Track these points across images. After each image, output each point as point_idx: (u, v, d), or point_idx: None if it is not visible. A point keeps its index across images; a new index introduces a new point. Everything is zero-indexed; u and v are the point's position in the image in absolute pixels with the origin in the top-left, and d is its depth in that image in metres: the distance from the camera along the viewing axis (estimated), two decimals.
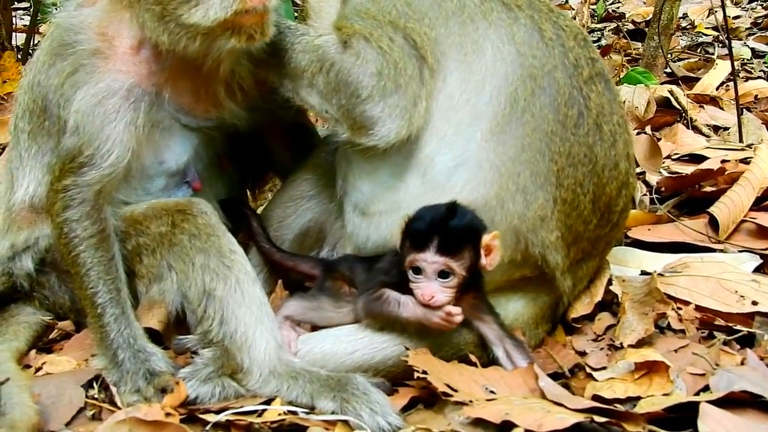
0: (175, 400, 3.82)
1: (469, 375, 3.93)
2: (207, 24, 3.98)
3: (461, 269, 3.92)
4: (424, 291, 3.92)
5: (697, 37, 11.65)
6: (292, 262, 4.70)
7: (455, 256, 3.90)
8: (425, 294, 3.91)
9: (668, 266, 4.75)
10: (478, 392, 3.80)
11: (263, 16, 4.05)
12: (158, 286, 4.25)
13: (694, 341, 4.18)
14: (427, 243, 3.91)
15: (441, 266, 3.91)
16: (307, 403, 3.88)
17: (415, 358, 3.87)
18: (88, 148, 4.13)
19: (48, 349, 4.56)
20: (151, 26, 4.14)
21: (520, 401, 3.67)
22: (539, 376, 3.82)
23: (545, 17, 4.30)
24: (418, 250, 3.94)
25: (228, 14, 3.95)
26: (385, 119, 4.12)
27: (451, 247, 3.90)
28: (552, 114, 4.12)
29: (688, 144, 6.84)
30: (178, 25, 4.06)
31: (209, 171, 4.78)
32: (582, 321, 4.45)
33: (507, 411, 3.51)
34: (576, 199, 4.15)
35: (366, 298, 4.15)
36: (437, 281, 3.93)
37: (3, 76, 9.39)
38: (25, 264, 4.51)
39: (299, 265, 4.68)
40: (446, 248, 3.90)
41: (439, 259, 3.91)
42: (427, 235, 3.92)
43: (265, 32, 4.09)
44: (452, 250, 3.90)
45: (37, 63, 4.52)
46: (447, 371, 3.91)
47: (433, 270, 3.93)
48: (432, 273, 3.93)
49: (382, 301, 4.06)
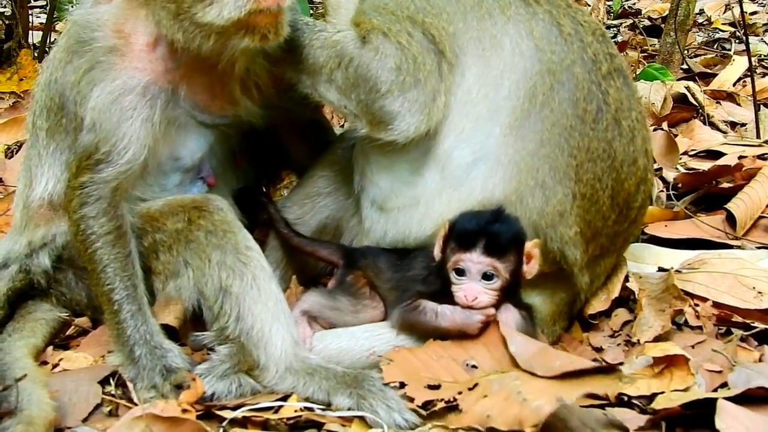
0: (191, 397, 3.82)
1: (448, 354, 3.92)
2: (221, 23, 3.98)
3: (506, 272, 3.92)
4: (467, 292, 3.92)
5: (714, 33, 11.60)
6: (311, 247, 4.70)
7: (501, 258, 3.91)
8: (468, 295, 3.91)
9: (685, 263, 4.73)
10: (460, 374, 3.81)
11: (277, 16, 4.04)
12: (174, 282, 4.25)
13: (711, 338, 4.17)
14: (474, 243, 3.92)
15: (486, 267, 3.91)
16: (323, 399, 3.88)
17: (389, 370, 3.87)
18: (104, 145, 4.14)
19: (65, 346, 4.56)
20: (167, 24, 4.15)
21: (498, 382, 3.66)
22: (508, 339, 3.83)
23: (563, 12, 4.30)
24: (463, 250, 3.94)
25: (242, 14, 3.95)
26: (405, 114, 4.12)
27: (498, 249, 3.90)
28: (571, 109, 4.11)
29: (705, 140, 6.81)
30: (193, 23, 4.06)
31: (224, 167, 4.78)
32: (599, 317, 4.44)
33: (488, 412, 3.51)
34: (595, 195, 4.14)
35: (402, 310, 4.13)
36: (480, 283, 3.93)
37: (20, 74, 9.42)
38: (42, 261, 4.52)
39: (318, 250, 4.68)
40: (493, 249, 3.90)
41: (485, 259, 3.91)
42: (475, 236, 3.93)
43: (279, 32, 4.09)
44: (499, 252, 3.90)
45: (53, 60, 4.53)
46: (424, 362, 3.90)
47: (477, 270, 3.92)
48: (476, 274, 3.93)
49: (418, 312, 4.05)
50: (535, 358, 3.73)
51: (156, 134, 4.23)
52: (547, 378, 3.62)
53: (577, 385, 3.54)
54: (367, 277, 4.41)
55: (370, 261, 4.43)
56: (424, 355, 3.94)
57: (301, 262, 4.84)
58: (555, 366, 3.63)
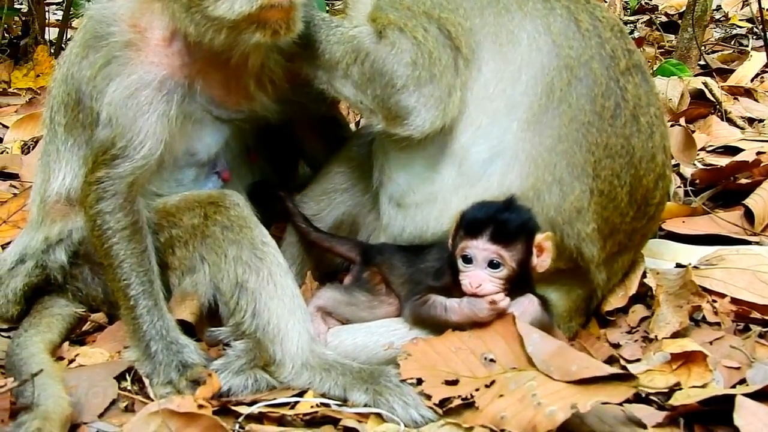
0: (207, 392, 3.82)
1: (466, 346, 3.89)
2: (232, 17, 3.99)
3: (512, 261, 3.90)
4: (472, 279, 3.91)
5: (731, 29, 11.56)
6: (329, 242, 4.69)
7: (507, 246, 3.89)
8: (473, 281, 3.90)
9: (703, 259, 4.71)
10: (478, 368, 3.79)
11: (289, 12, 4.04)
12: (191, 278, 4.26)
13: (729, 334, 4.15)
14: (480, 230, 3.91)
15: (492, 254, 3.90)
16: (339, 395, 3.88)
17: (406, 365, 3.86)
18: (120, 140, 4.14)
19: (81, 341, 4.56)
20: (179, 17, 4.16)
21: (515, 382, 3.64)
22: (525, 339, 3.80)
23: (581, 8, 4.29)
24: (470, 237, 3.93)
25: (253, 8, 3.95)
26: (420, 109, 4.11)
27: (503, 236, 3.89)
28: (589, 105, 4.10)
29: (722, 136, 6.80)
30: (204, 17, 4.07)
31: (239, 162, 4.79)
32: (616, 314, 4.43)
33: (503, 413, 3.50)
34: (613, 191, 4.13)
35: (413, 304, 4.14)
36: (486, 270, 3.92)
37: (36, 70, 9.44)
38: (58, 256, 4.52)
39: (335, 246, 4.68)
40: (499, 236, 3.89)
41: (490, 246, 3.90)
42: (482, 223, 3.92)
43: (290, 28, 4.09)
44: (505, 239, 3.89)
45: (70, 55, 4.54)
46: (444, 354, 3.88)
47: (483, 257, 3.91)
48: (482, 261, 3.92)
49: (428, 306, 4.05)
50: (552, 360, 3.70)
51: (172, 129, 4.23)
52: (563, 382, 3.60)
53: (594, 390, 3.50)
54: (383, 273, 4.40)
55: (386, 257, 4.42)
56: (443, 346, 3.92)
57: (317, 257, 4.83)
58: (572, 370, 3.60)
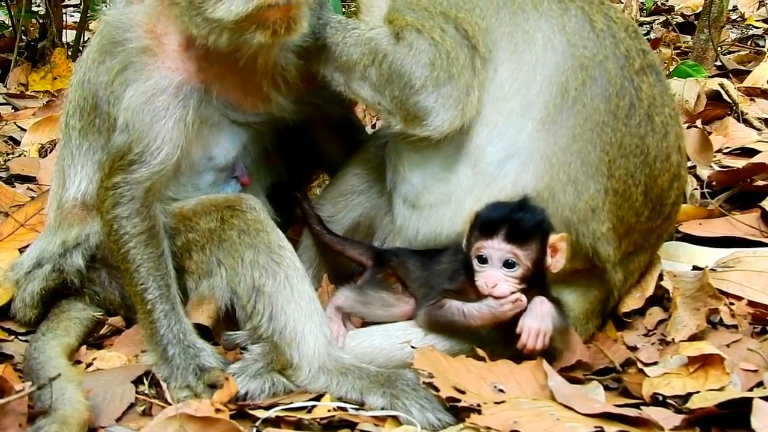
0: (225, 396, 3.83)
1: (478, 372, 3.89)
2: (231, 18, 3.99)
3: (527, 260, 3.91)
4: (487, 279, 3.92)
5: (748, 30, 11.52)
6: (341, 246, 4.70)
7: (522, 245, 3.90)
8: (489, 281, 3.91)
9: (720, 261, 4.69)
10: (487, 392, 3.77)
11: (288, 11, 4.01)
12: (207, 282, 4.26)
13: (746, 336, 4.14)
14: (495, 230, 3.92)
15: (507, 254, 3.91)
16: (356, 399, 3.89)
17: (420, 359, 3.85)
18: (137, 146, 4.16)
19: (98, 345, 4.59)
20: (183, 20, 4.18)
21: (529, 404, 3.62)
22: (548, 375, 3.79)
23: (596, 9, 4.30)
24: (485, 237, 3.94)
25: (249, 9, 3.94)
26: (439, 109, 4.12)
27: (518, 236, 3.90)
28: (603, 104, 4.10)
29: (739, 137, 6.75)
30: (204, 19, 4.08)
31: (257, 166, 4.79)
32: (633, 316, 4.42)
33: (515, 419, 3.46)
34: (627, 191, 4.13)
35: (428, 308, 4.14)
36: (501, 270, 3.92)
37: (54, 72, 9.48)
38: (75, 260, 4.54)
39: (348, 249, 4.69)
40: (514, 236, 3.90)
41: (505, 246, 3.90)
42: (496, 223, 3.93)
43: (291, 27, 4.06)
44: (519, 239, 3.90)
45: (87, 61, 4.55)
46: (455, 369, 3.88)
47: (498, 257, 3.92)
48: (497, 261, 3.92)
49: (444, 311, 4.06)
50: (574, 397, 3.66)
51: (189, 134, 4.25)
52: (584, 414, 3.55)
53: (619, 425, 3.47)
54: (398, 275, 4.42)
55: (400, 260, 4.44)
56: (456, 363, 3.92)
57: (333, 261, 4.84)
58: (595, 406, 3.57)
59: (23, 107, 8.83)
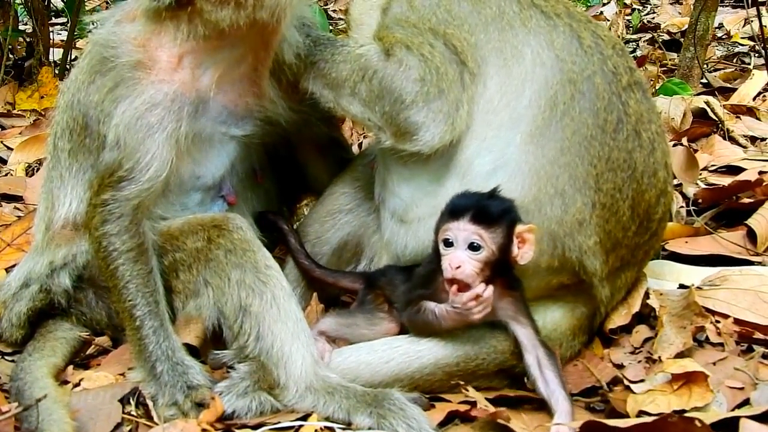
0: (211, 416, 3.83)
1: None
2: None
3: (492, 243, 3.90)
4: (451, 260, 3.91)
5: (733, 47, 11.54)
6: (333, 278, 4.72)
7: (488, 228, 3.90)
8: (452, 263, 3.90)
9: (706, 279, 4.70)
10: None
11: None
12: (195, 301, 4.26)
13: (733, 355, 4.14)
14: (462, 213, 3.94)
15: (472, 235, 3.91)
16: (343, 418, 3.88)
17: None
18: (127, 162, 4.16)
19: (85, 365, 4.58)
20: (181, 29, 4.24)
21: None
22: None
23: (584, 26, 4.33)
24: (452, 219, 3.96)
25: None
26: (429, 124, 4.15)
27: (484, 218, 3.91)
28: (591, 118, 4.13)
29: (725, 155, 6.77)
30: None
31: (244, 185, 4.80)
32: (619, 333, 4.42)
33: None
34: (615, 205, 4.15)
35: (408, 314, 4.17)
36: (466, 252, 3.92)
37: (41, 91, 9.44)
38: (62, 280, 4.54)
39: (340, 280, 4.71)
40: (480, 218, 3.91)
41: (470, 227, 3.91)
42: (464, 207, 3.96)
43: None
44: (485, 221, 3.90)
45: (75, 82, 4.56)
46: None
47: (463, 238, 3.92)
48: (462, 242, 3.92)
49: (421, 314, 4.07)
50: None
51: (179, 149, 4.26)
52: None
53: None
54: (385, 294, 4.44)
55: (388, 278, 4.46)
56: None
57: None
58: None
59: (10, 126, 8.82)
